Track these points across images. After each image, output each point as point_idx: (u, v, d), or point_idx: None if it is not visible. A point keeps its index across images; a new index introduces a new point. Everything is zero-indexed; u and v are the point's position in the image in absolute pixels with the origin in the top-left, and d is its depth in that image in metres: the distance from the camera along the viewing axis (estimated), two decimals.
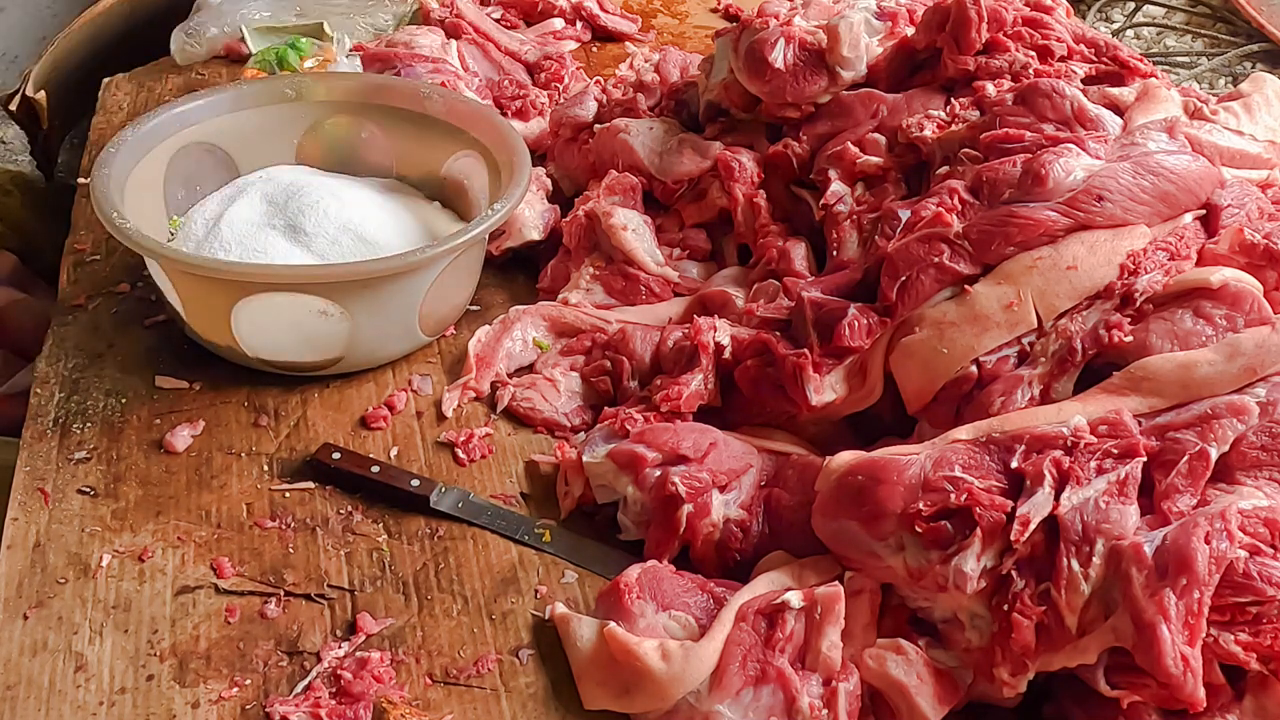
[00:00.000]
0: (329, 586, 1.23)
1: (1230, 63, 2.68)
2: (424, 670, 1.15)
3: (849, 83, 1.60)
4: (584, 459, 1.30)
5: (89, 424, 1.41)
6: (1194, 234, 1.24)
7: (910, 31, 1.60)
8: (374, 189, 1.66)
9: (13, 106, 2.30)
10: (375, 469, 1.33)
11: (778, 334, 1.34)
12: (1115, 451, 1.07)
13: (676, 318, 1.53)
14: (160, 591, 1.22)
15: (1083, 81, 1.46)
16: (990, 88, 1.45)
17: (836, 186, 1.51)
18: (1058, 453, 1.08)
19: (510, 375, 1.50)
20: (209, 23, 2.19)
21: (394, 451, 1.40)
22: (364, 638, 1.17)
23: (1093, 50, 1.51)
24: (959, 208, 1.28)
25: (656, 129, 1.73)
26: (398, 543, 1.28)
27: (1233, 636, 0.99)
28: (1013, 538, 1.05)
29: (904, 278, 1.26)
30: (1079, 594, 1.02)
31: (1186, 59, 2.75)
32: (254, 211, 1.56)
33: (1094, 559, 1.02)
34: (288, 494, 1.33)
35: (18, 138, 2.31)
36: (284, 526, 1.29)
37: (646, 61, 2.01)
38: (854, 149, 1.52)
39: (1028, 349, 1.21)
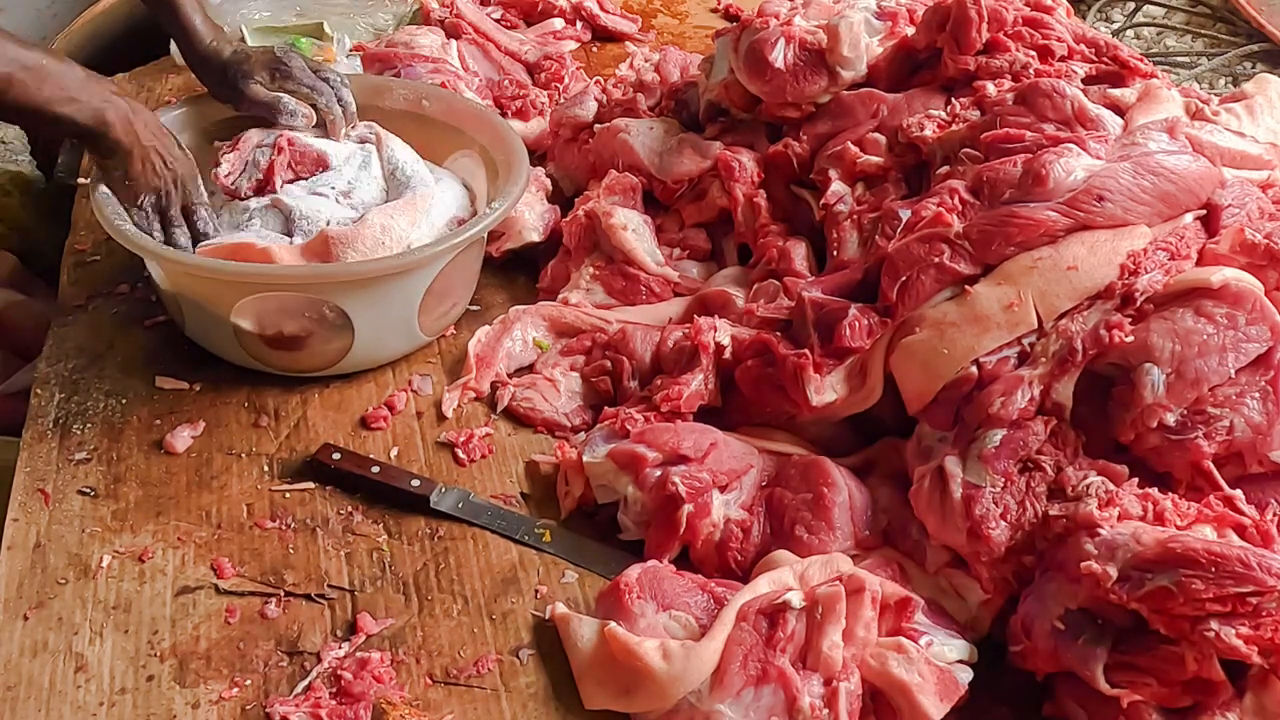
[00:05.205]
0: (329, 587, 1.22)
1: (1230, 63, 2.68)
2: (424, 670, 1.15)
3: (849, 82, 1.60)
4: (584, 459, 1.30)
5: (89, 425, 1.41)
6: (1194, 234, 1.24)
7: (910, 31, 1.60)
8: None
9: None
10: (375, 469, 1.33)
11: (778, 334, 1.34)
12: None
13: (676, 318, 1.53)
14: (160, 592, 1.21)
15: (1083, 81, 1.46)
16: (990, 87, 1.45)
17: (837, 186, 1.51)
18: None
19: (510, 375, 1.49)
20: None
21: (394, 452, 1.39)
22: (364, 638, 1.17)
23: (1093, 50, 1.51)
24: (959, 208, 1.28)
25: (656, 129, 1.73)
26: (398, 543, 1.28)
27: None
28: None
29: (904, 278, 1.26)
30: None
31: (1187, 59, 2.75)
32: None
33: None
34: (288, 494, 1.33)
35: (18, 138, 2.30)
36: (284, 527, 1.29)
37: (646, 61, 2.01)
38: (854, 149, 1.52)
39: (1028, 349, 1.21)
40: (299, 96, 1.60)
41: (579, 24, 2.34)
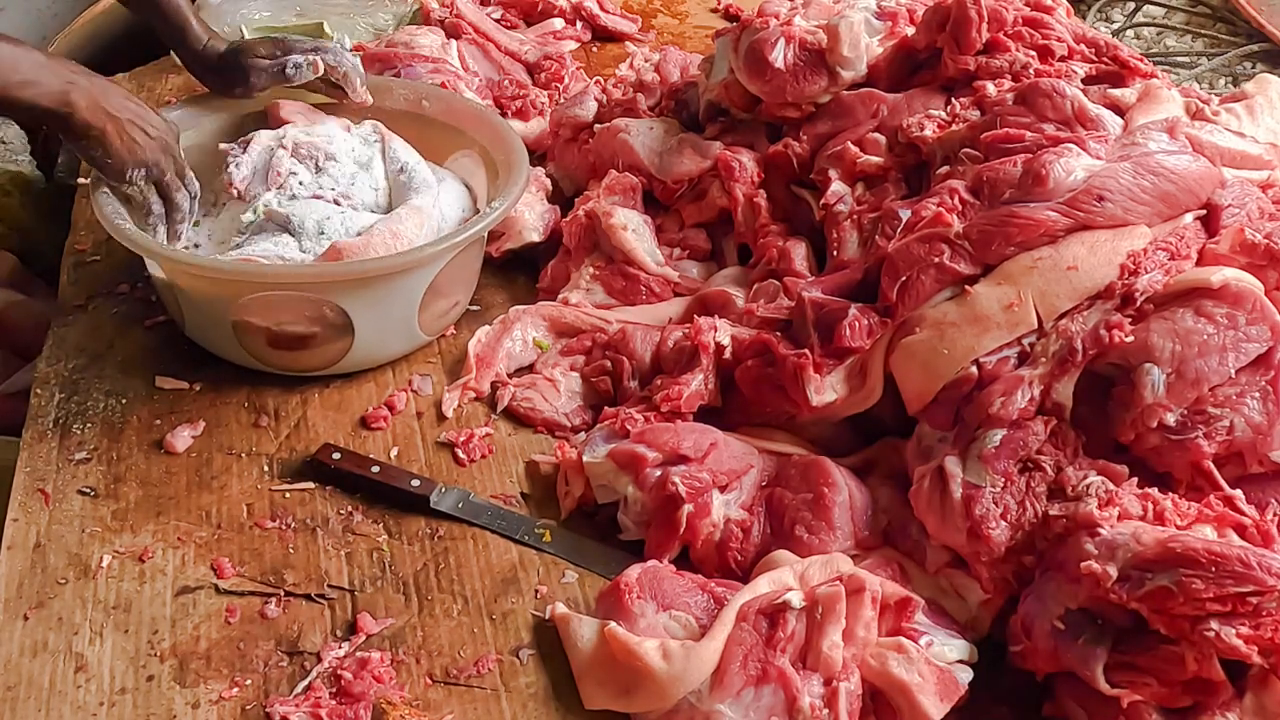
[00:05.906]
0: (329, 586, 1.22)
1: (1230, 63, 2.68)
2: (424, 670, 1.15)
3: (849, 82, 1.61)
4: (584, 459, 1.30)
5: (89, 425, 1.41)
6: (1194, 234, 1.24)
7: (910, 31, 1.60)
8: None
9: None
10: (375, 469, 1.33)
11: (778, 334, 1.34)
12: None
13: (676, 318, 1.53)
14: (160, 592, 1.22)
15: (1083, 81, 1.46)
16: (990, 87, 1.45)
17: (837, 186, 1.51)
18: None
19: (510, 375, 1.49)
20: (209, 22, 2.18)
21: (394, 451, 1.39)
22: (364, 638, 1.17)
23: (1093, 50, 1.51)
24: (959, 208, 1.28)
25: (656, 129, 1.73)
26: (398, 543, 1.28)
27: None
28: None
29: (904, 278, 1.26)
30: None
31: (1186, 59, 2.75)
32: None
33: None
34: (288, 494, 1.33)
35: (18, 138, 2.30)
36: (284, 527, 1.29)
37: (646, 61, 2.01)
38: (854, 149, 1.52)
39: (1028, 349, 1.21)
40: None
41: (579, 24, 2.34)
